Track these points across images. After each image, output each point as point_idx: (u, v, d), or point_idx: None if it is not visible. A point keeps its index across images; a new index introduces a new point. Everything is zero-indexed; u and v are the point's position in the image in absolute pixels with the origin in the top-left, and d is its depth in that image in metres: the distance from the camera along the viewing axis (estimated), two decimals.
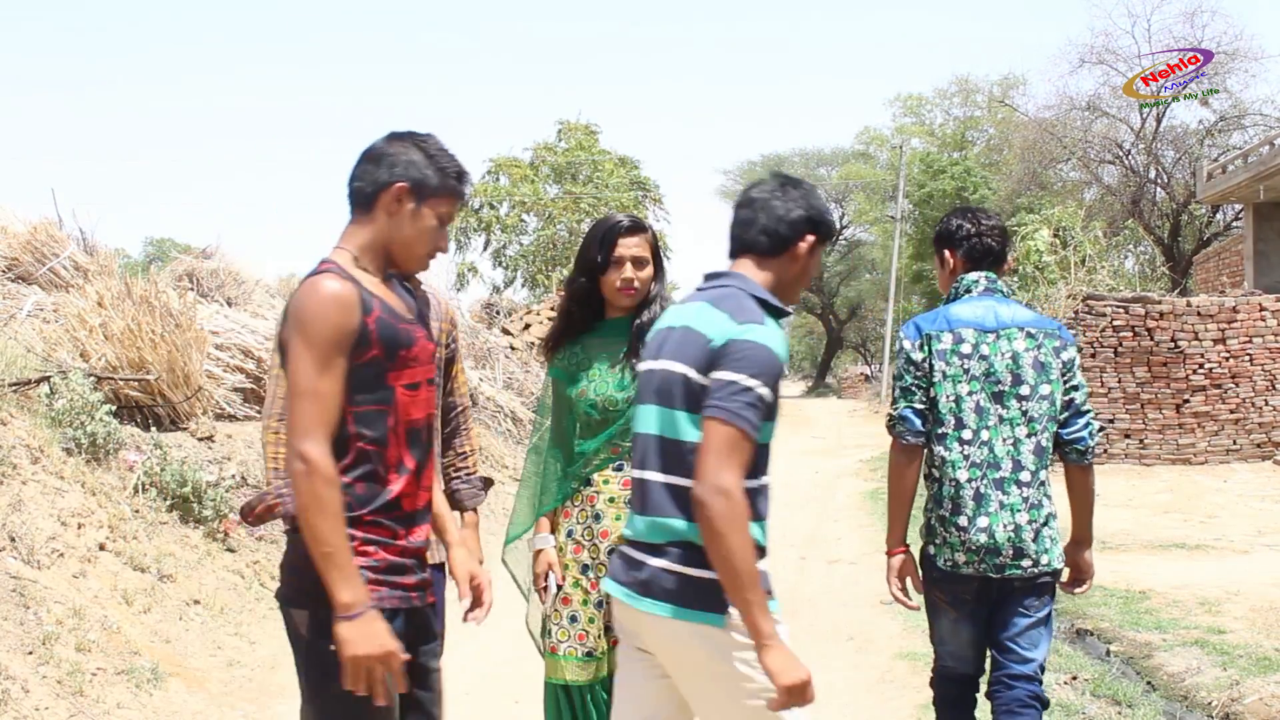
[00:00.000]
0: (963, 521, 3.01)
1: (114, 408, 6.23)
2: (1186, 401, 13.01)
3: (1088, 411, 3.13)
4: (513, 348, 15.54)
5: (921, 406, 3.07)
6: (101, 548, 5.07)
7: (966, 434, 3.03)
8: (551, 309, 15.41)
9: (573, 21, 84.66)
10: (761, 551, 2.24)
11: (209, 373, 7.57)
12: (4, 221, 10.25)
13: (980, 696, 3.24)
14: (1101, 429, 12.85)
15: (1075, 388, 3.10)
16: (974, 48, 71.60)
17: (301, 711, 2.27)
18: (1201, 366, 13.04)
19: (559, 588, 3.09)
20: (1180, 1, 33.68)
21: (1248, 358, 13.09)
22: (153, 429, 6.53)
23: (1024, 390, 3.03)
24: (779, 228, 2.39)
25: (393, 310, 2.22)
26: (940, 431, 3.06)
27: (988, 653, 3.19)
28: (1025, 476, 3.03)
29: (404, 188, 2.22)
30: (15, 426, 5.46)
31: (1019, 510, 3.02)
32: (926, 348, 3.07)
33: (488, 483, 3.36)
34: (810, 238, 2.41)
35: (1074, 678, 5.00)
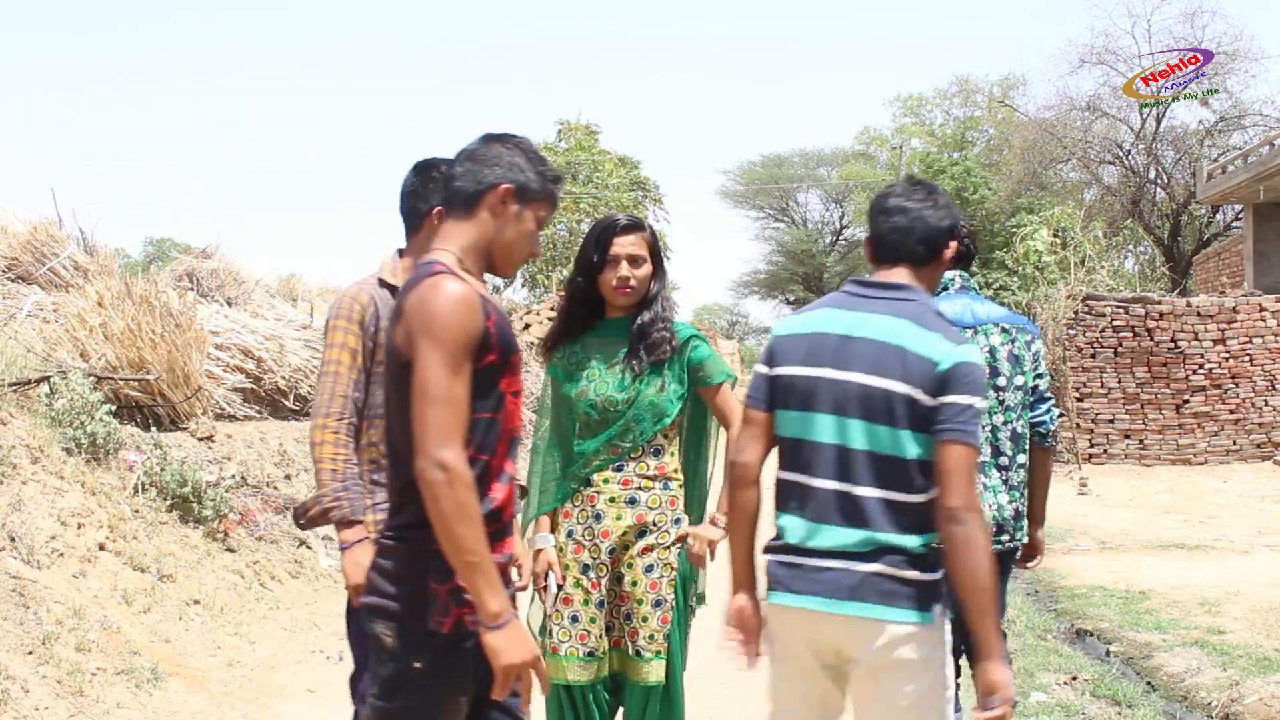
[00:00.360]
0: None
1: (114, 408, 6.22)
2: (1186, 402, 13.01)
3: (1050, 398, 3.41)
4: None
5: None
6: (101, 548, 5.06)
7: None
8: (551, 309, 15.39)
9: (573, 21, 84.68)
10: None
11: (209, 373, 7.57)
12: (4, 221, 10.24)
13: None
14: (1061, 415, 12.83)
15: (1040, 376, 3.39)
16: (974, 48, 71.63)
17: (360, 715, 2.24)
18: (1201, 367, 13.04)
19: (559, 587, 3.09)
20: (1180, 1, 33.67)
21: (1248, 358, 13.09)
22: (153, 429, 6.52)
23: (1000, 381, 3.28)
24: (936, 238, 2.45)
25: (503, 314, 2.18)
26: None
27: None
28: (1004, 461, 3.29)
29: (510, 189, 2.19)
30: (15, 426, 5.46)
31: (999, 491, 3.30)
32: None
33: (523, 491, 3.33)
34: (953, 245, 2.50)
35: (1074, 678, 5.00)
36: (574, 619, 3.08)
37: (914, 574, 2.29)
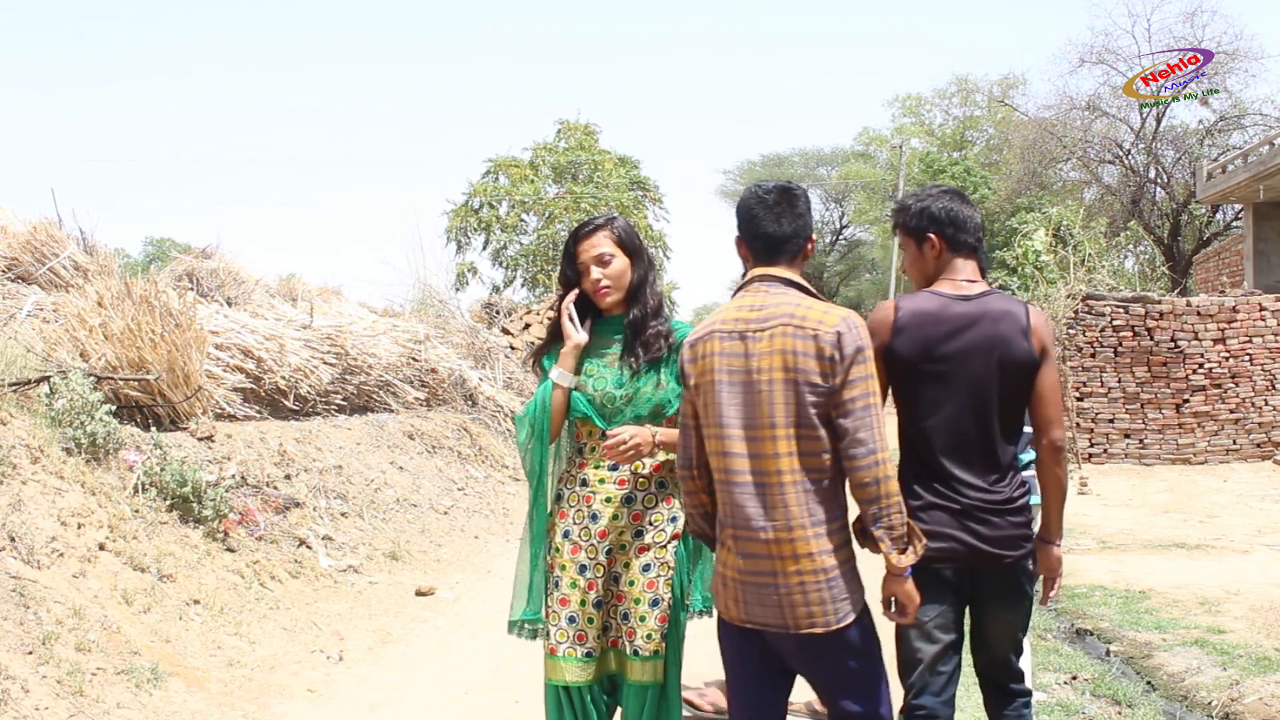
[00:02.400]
0: None
1: (114, 408, 6.22)
2: (1186, 401, 13.00)
3: None
4: (512, 347, 15.53)
5: None
6: (101, 547, 5.06)
7: None
8: (551, 309, 15.39)
9: (573, 21, 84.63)
10: None
11: (209, 372, 7.56)
12: (4, 221, 10.25)
13: None
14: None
15: None
16: (974, 48, 71.58)
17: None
18: (1201, 366, 13.04)
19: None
20: (1180, 1, 33.72)
21: (1247, 357, 13.08)
22: (153, 429, 6.52)
23: None
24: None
25: None
26: None
27: None
28: None
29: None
30: (15, 426, 5.46)
31: None
32: None
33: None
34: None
35: (1074, 677, 5.00)
36: (571, 619, 3.08)
37: None
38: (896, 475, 2.58)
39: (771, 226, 2.70)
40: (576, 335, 3.10)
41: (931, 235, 2.94)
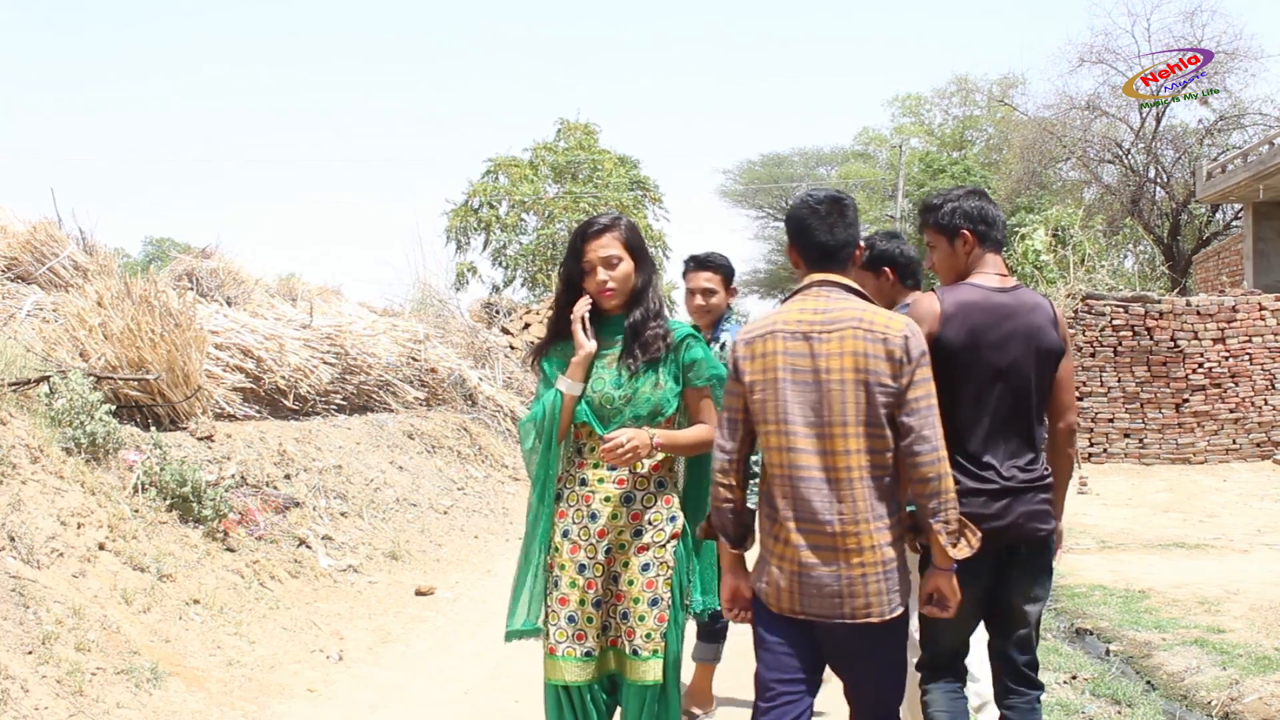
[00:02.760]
0: None
1: (114, 407, 6.22)
2: (1186, 401, 13.01)
3: None
4: (512, 347, 15.53)
5: None
6: (101, 547, 5.06)
7: None
8: (550, 308, 15.38)
9: (573, 21, 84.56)
10: None
11: (209, 372, 7.56)
12: (4, 221, 10.25)
13: None
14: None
15: None
16: (974, 48, 71.57)
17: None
18: (1201, 366, 13.04)
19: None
20: (1180, 1, 33.67)
21: (1247, 357, 13.09)
22: (152, 429, 6.52)
23: None
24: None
25: None
26: None
27: None
28: None
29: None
30: (15, 426, 5.45)
31: None
32: None
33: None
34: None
35: (1074, 677, 5.00)
36: (571, 619, 3.07)
37: None
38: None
39: (825, 235, 2.83)
40: (588, 345, 3.08)
41: (965, 231, 3.12)
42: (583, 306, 3.12)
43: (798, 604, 2.70)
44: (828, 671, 2.84)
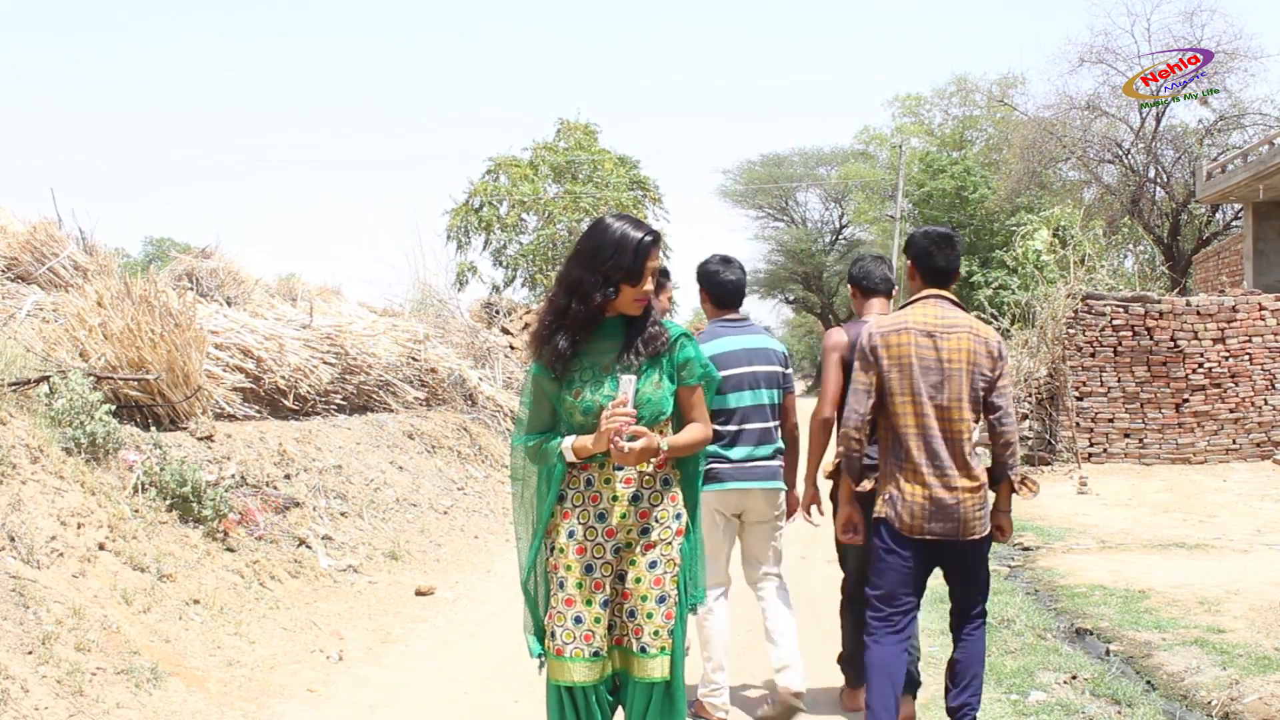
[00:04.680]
0: None
1: (113, 407, 6.22)
2: (1186, 401, 13.00)
3: None
4: (512, 347, 15.53)
5: None
6: (101, 547, 5.06)
7: None
8: (547, 312, 15.36)
9: (573, 21, 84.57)
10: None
11: (209, 372, 7.56)
12: (4, 221, 10.25)
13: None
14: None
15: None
16: (974, 48, 71.58)
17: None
18: (1201, 366, 13.04)
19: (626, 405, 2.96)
20: (1180, 1, 33.70)
21: (1247, 357, 13.08)
22: (152, 429, 6.52)
23: None
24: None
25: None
26: None
27: None
28: None
29: None
30: (15, 426, 5.45)
31: None
32: None
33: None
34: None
35: (1074, 677, 5.00)
36: (578, 620, 3.07)
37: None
38: None
39: (942, 261, 3.82)
40: (608, 443, 2.97)
41: (850, 285, 4.66)
42: (627, 422, 2.96)
43: (926, 527, 3.63)
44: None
